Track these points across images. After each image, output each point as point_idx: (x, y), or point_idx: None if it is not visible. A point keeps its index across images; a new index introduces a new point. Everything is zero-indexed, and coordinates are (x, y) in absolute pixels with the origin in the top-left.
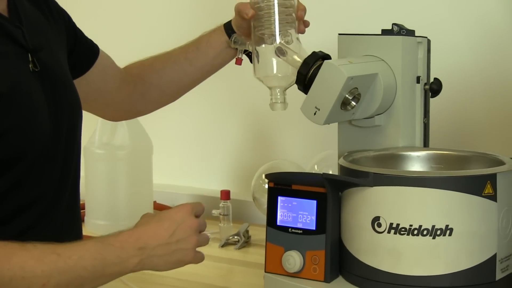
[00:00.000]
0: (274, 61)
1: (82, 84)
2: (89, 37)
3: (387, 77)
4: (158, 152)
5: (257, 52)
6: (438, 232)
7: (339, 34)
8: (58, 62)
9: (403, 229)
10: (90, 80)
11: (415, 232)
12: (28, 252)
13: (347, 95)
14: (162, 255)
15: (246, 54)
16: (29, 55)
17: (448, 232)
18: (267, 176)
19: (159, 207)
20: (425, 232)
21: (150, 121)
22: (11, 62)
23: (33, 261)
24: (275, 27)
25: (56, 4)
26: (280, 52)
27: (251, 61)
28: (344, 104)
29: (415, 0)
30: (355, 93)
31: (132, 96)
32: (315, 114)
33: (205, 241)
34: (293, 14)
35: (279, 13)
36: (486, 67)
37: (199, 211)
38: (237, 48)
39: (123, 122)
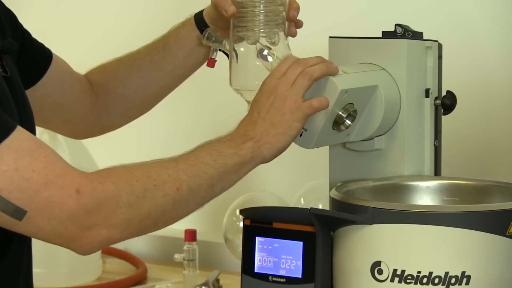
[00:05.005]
0: (256, 69)
1: (34, 96)
2: (47, 37)
3: (390, 90)
4: None
5: (236, 56)
6: (453, 280)
7: (330, 37)
8: (14, 69)
9: (409, 277)
10: (43, 92)
11: (424, 280)
12: (147, 164)
13: (340, 112)
14: (272, 120)
15: (223, 52)
16: None
17: (464, 280)
18: (242, 212)
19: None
20: (436, 281)
21: (96, 144)
22: None
23: (156, 168)
24: (259, 30)
25: (1, 4)
26: (262, 57)
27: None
28: (337, 123)
29: None
30: (350, 110)
31: (95, 109)
32: (301, 135)
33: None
34: (283, 14)
35: (266, 12)
36: (510, 77)
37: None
38: (210, 46)
39: (64, 145)
